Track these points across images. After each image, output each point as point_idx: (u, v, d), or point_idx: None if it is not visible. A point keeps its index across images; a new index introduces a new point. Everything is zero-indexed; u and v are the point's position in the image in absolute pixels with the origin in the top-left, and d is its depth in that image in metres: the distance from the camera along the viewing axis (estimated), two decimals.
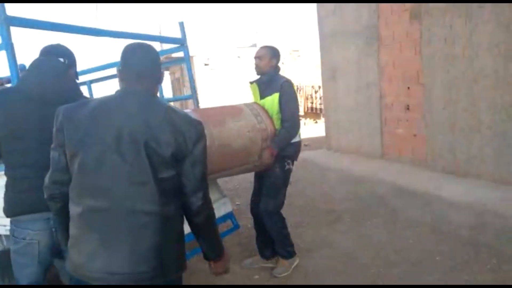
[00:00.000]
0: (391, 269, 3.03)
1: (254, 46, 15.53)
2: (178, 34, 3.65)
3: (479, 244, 3.21)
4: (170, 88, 18.61)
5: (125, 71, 1.49)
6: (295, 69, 14.32)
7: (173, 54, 4.53)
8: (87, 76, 4.64)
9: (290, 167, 2.98)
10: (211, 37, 15.23)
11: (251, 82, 3.13)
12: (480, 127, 3.88)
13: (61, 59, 1.92)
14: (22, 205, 1.73)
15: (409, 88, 4.77)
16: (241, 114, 2.77)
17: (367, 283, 2.88)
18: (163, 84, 2.54)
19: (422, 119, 4.60)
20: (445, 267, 2.97)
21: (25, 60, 3.16)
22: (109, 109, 1.42)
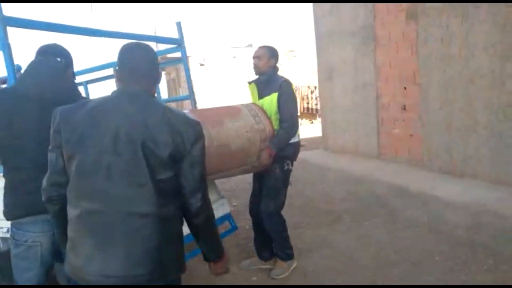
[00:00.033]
0: (390, 269, 3.03)
1: (250, 46, 15.54)
2: (173, 34, 3.63)
3: (476, 244, 3.23)
4: (166, 88, 18.56)
5: (122, 71, 1.48)
6: (291, 70, 14.32)
7: (168, 55, 4.52)
8: (84, 77, 4.61)
9: (289, 167, 2.97)
10: (206, 37, 15.29)
11: (249, 82, 3.11)
12: (476, 127, 3.90)
13: (59, 59, 1.90)
14: (23, 207, 1.71)
15: (405, 88, 4.78)
16: (240, 115, 2.75)
17: (367, 283, 2.88)
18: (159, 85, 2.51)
19: (419, 119, 4.62)
20: (444, 267, 2.98)
21: (20, 60, 3.13)
22: (106, 110, 1.40)
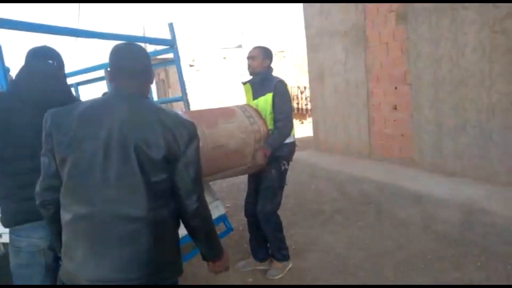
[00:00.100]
0: (383, 269, 3.05)
1: (240, 47, 15.54)
2: (162, 34, 3.60)
3: (467, 242, 3.27)
4: (155, 89, 18.44)
5: (114, 71, 1.46)
6: (280, 70, 14.36)
7: (158, 56, 4.48)
8: (74, 78, 4.55)
9: (285, 167, 2.97)
10: (196, 38, 15.16)
11: (244, 83, 3.10)
12: (466, 126, 3.95)
13: (50, 61, 1.87)
14: (22, 213, 1.66)
15: (396, 88, 4.82)
16: (234, 116, 2.74)
17: (361, 283, 2.89)
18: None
19: (410, 118, 4.66)
20: (437, 265, 3.01)
21: (7, 62, 3.08)
22: (98, 112, 1.38)
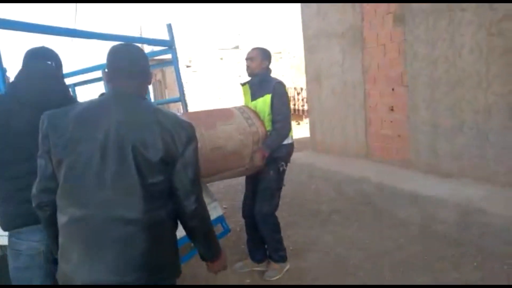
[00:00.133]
0: (382, 269, 3.05)
1: (237, 48, 15.55)
2: (159, 35, 3.60)
3: (465, 242, 3.28)
4: (151, 90, 18.40)
5: (112, 72, 1.46)
6: (277, 71, 14.38)
7: (155, 57, 4.49)
8: (71, 79, 4.54)
9: (284, 168, 2.97)
10: (193, 38, 15.16)
11: (242, 84, 3.10)
12: (463, 127, 3.97)
13: (49, 62, 1.86)
14: (23, 216, 1.65)
15: (393, 89, 4.84)
16: (232, 117, 2.74)
17: (359, 283, 2.89)
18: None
19: (406, 119, 4.68)
20: (434, 265, 3.02)
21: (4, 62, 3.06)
22: (95, 113, 1.37)
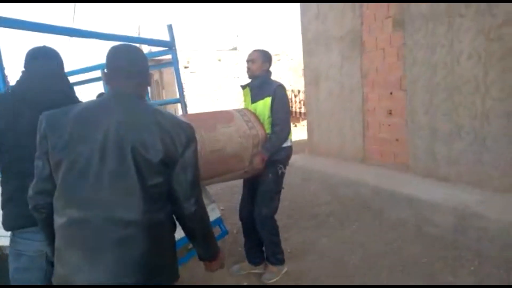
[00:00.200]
0: (378, 272, 3.06)
1: (235, 49, 15.56)
2: (158, 36, 3.60)
3: (461, 246, 3.30)
4: (149, 91, 18.38)
5: (111, 72, 1.45)
6: (275, 73, 14.39)
7: (154, 57, 4.48)
8: (69, 79, 4.50)
9: (283, 171, 2.97)
10: (191, 39, 15.16)
11: (243, 86, 3.10)
12: (460, 132, 3.99)
13: (51, 61, 1.86)
14: (26, 217, 1.64)
15: (391, 93, 4.86)
16: (233, 120, 2.74)
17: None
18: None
19: (404, 124, 4.70)
20: (431, 269, 3.03)
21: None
22: (94, 113, 1.36)
